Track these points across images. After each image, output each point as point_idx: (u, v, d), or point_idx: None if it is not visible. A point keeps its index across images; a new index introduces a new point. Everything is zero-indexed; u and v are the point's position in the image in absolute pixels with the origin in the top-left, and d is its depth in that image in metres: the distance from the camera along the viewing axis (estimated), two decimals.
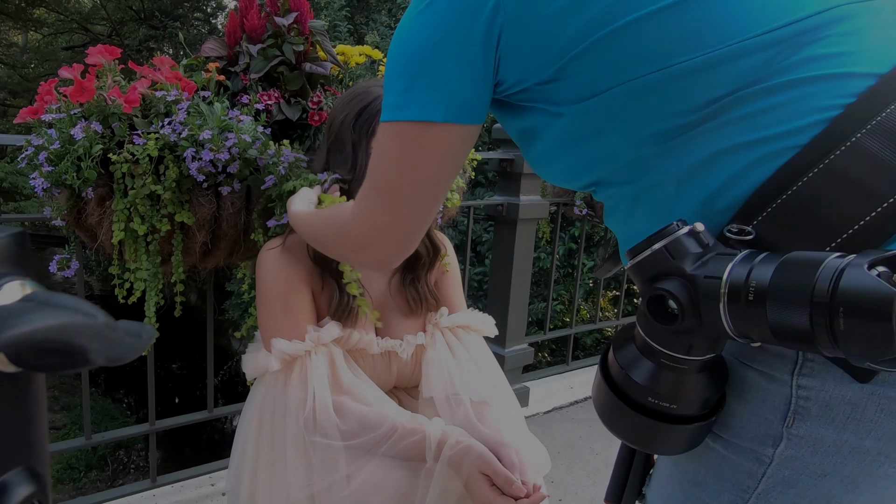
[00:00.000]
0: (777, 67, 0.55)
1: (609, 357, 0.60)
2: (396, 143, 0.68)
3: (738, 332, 0.49)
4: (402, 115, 0.66)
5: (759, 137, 0.55)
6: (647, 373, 0.55)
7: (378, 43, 6.52)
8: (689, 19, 0.56)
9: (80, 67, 1.23)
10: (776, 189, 0.53)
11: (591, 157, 0.64)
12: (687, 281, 0.51)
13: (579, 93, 0.60)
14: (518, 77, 0.63)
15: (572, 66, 0.59)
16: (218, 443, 7.91)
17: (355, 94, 1.13)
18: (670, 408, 0.55)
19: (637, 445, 0.63)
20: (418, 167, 0.68)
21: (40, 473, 0.31)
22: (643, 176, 0.61)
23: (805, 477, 0.55)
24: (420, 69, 0.64)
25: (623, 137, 0.60)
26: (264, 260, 1.12)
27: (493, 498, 0.93)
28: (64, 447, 1.78)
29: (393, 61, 0.67)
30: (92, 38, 11.28)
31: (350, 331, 1.12)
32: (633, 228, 0.64)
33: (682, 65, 0.56)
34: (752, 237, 0.53)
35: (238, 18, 1.40)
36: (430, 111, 0.64)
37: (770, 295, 0.46)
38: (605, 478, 0.75)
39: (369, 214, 0.73)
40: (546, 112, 0.64)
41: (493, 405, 1.13)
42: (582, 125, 0.62)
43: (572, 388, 2.71)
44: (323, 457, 1.00)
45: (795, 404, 0.54)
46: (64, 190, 1.21)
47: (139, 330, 0.29)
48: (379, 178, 0.71)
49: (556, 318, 5.92)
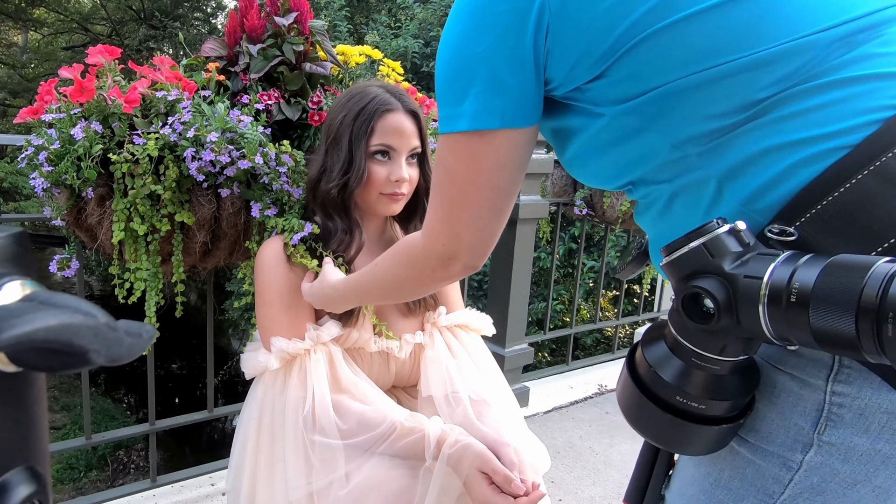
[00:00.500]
0: (828, 66, 0.54)
1: (637, 355, 0.59)
2: (457, 155, 0.67)
3: (777, 335, 0.48)
4: (458, 127, 0.65)
5: (807, 136, 0.54)
6: (677, 372, 0.54)
7: (378, 43, 6.52)
8: (739, 18, 0.55)
9: (80, 67, 1.23)
10: (823, 190, 0.52)
11: (631, 157, 0.63)
12: (725, 280, 0.50)
13: (622, 92, 0.60)
14: (563, 77, 0.62)
15: (618, 65, 0.58)
16: (218, 443, 7.91)
17: (353, 95, 1.13)
18: (699, 408, 0.55)
19: (662, 444, 0.62)
20: (483, 177, 0.67)
21: (41, 473, 0.31)
22: (682, 175, 0.60)
23: (834, 485, 0.54)
24: (470, 78, 0.63)
25: (665, 138, 0.60)
26: (263, 259, 1.12)
27: (493, 496, 0.93)
28: (64, 447, 1.78)
29: (441, 73, 0.66)
30: (92, 38, 11.28)
31: (349, 330, 1.13)
32: (669, 227, 0.63)
33: (731, 64, 0.55)
34: (794, 238, 0.52)
35: (238, 18, 1.41)
36: (486, 119, 0.64)
37: (814, 298, 0.45)
38: (605, 478, 0.75)
39: (448, 229, 0.71)
40: (585, 112, 0.63)
41: (492, 404, 1.13)
42: (623, 125, 0.61)
43: (572, 388, 2.71)
44: (322, 455, 1.00)
45: (828, 411, 0.53)
46: (64, 190, 1.21)
47: (139, 330, 0.29)
48: (447, 193, 0.70)
49: (556, 317, 5.92)
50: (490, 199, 0.68)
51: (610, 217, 2.53)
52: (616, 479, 2.03)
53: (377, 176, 1.11)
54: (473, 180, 0.67)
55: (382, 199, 1.13)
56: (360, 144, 1.10)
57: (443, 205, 0.71)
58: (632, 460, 2.34)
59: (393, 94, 1.13)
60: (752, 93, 0.55)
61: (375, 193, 1.13)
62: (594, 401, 2.63)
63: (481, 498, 0.94)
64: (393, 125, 1.11)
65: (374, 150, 1.11)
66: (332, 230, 1.13)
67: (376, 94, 1.12)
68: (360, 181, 1.10)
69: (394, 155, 1.12)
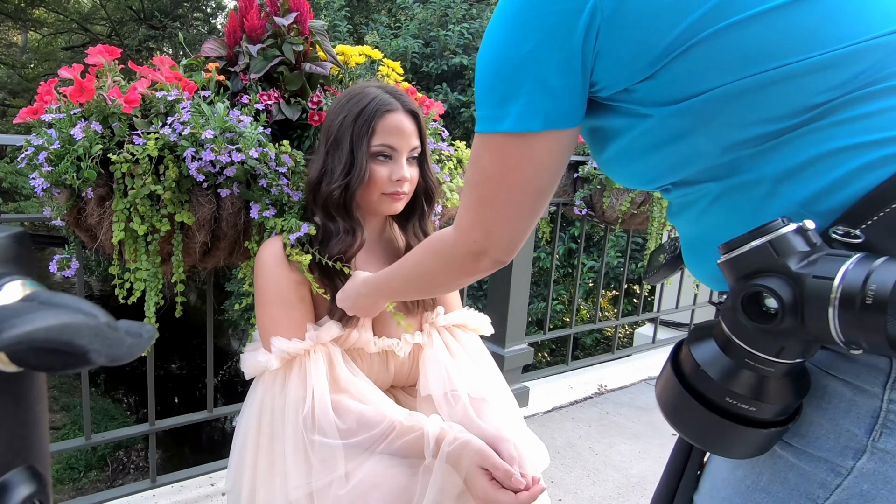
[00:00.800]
0: (892, 70, 0.54)
1: (682, 352, 0.58)
2: (495, 156, 0.66)
3: (846, 339, 0.47)
4: (499, 127, 0.64)
5: (874, 140, 0.53)
6: (728, 372, 0.53)
7: (378, 43, 6.52)
8: (801, 20, 0.54)
9: (80, 67, 1.23)
10: (892, 193, 0.51)
11: (677, 159, 0.62)
12: (791, 279, 0.49)
13: (672, 94, 0.58)
14: (611, 79, 0.61)
15: (671, 67, 0.57)
16: (218, 443, 7.91)
17: (352, 96, 1.14)
18: (748, 410, 0.54)
19: (702, 444, 0.61)
20: (521, 177, 0.66)
21: (41, 473, 0.31)
22: (731, 176, 0.59)
23: (886, 492, 0.53)
24: (514, 79, 0.62)
25: (714, 141, 0.58)
26: (263, 259, 1.12)
27: (493, 492, 0.93)
28: (64, 447, 1.78)
29: (483, 73, 0.65)
30: (91, 38, 11.29)
31: (349, 330, 1.13)
32: (711, 227, 0.63)
33: (790, 67, 0.54)
34: (860, 241, 0.51)
35: (238, 18, 1.41)
36: (529, 121, 0.63)
37: (892, 302, 0.43)
38: (605, 478, 0.75)
39: (480, 226, 0.71)
40: (630, 113, 0.62)
41: (491, 401, 1.13)
42: (671, 127, 0.60)
43: (572, 388, 2.72)
44: (322, 455, 1.00)
45: (885, 418, 0.52)
46: (64, 190, 1.21)
47: (139, 330, 0.29)
48: (481, 191, 0.69)
49: (555, 317, 5.92)
50: (525, 199, 0.68)
51: (609, 217, 2.53)
52: (615, 480, 2.03)
53: (379, 176, 1.11)
54: (510, 181, 0.66)
55: (384, 199, 1.14)
56: (362, 145, 1.10)
57: (477, 203, 0.70)
58: (631, 460, 2.34)
59: (392, 94, 1.13)
60: (811, 96, 0.55)
61: (377, 193, 1.13)
62: (594, 401, 2.64)
63: (482, 494, 0.94)
64: (393, 125, 1.11)
65: (376, 150, 1.11)
66: (334, 231, 1.13)
67: (376, 95, 1.12)
68: (361, 182, 1.10)
69: (395, 155, 1.12)
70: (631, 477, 2.05)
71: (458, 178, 1.53)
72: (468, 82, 6.45)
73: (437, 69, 6.44)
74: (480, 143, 0.67)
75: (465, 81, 6.51)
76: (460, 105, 6.20)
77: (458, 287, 0.89)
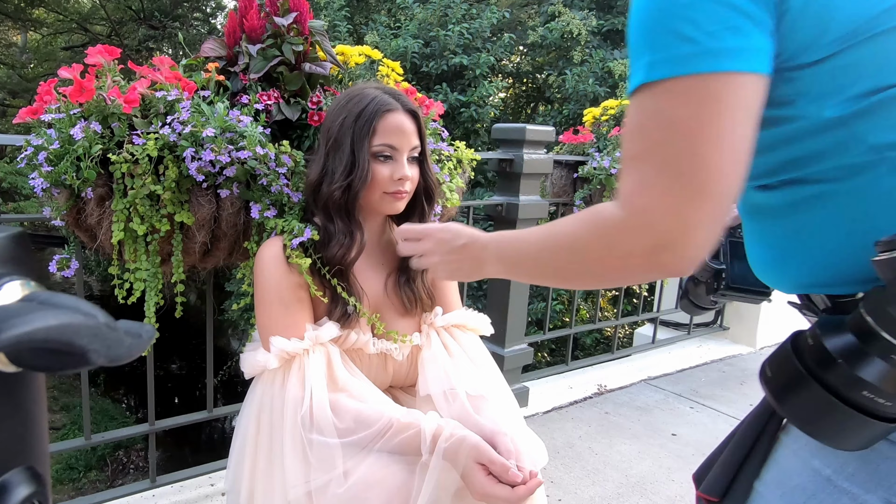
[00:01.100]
0: None
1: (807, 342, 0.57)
2: (688, 105, 0.54)
3: None
4: (693, 68, 0.54)
5: None
6: (873, 368, 0.53)
7: (377, 43, 6.52)
8: None
9: (80, 67, 1.23)
10: None
11: (811, 152, 0.58)
12: None
13: (839, 85, 0.55)
14: (792, 52, 0.55)
15: (848, 53, 0.54)
16: (218, 443, 7.91)
17: (351, 97, 1.14)
18: (885, 405, 0.53)
19: (808, 429, 0.59)
20: (724, 122, 0.54)
21: (40, 473, 0.31)
22: (860, 175, 0.56)
23: None
24: (704, 11, 0.54)
25: (865, 139, 0.55)
26: (263, 259, 1.12)
27: (490, 486, 0.93)
28: (63, 447, 1.78)
29: (658, 9, 0.57)
30: (91, 38, 11.28)
31: (348, 331, 1.13)
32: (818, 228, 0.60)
33: None
34: None
35: (237, 18, 1.41)
36: (730, 58, 0.54)
37: None
38: (605, 478, 0.75)
39: (671, 208, 0.55)
40: (782, 101, 0.58)
41: (490, 399, 1.13)
42: (821, 121, 0.56)
43: (572, 388, 2.71)
44: (320, 454, 1.01)
45: None
46: (63, 190, 1.21)
47: (139, 330, 0.29)
48: (668, 157, 0.55)
49: (555, 317, 5.92)
50: (731, 153, 0.55)
51: None
52: (615, 479, 2.03)
53: (380, 175, 1.11)
54: (710, 135, 0.54)
55: (386, 198, 1.14)
56: (363, 145, 1.10)
57: (659, 176, 0.56)
58: (631, 460, 2.33)
59: (391, 94, 1.13)
60: None
61: (379, 193, 1.13)
62: (593, 401, 2.64)
63: (479, 488, 0.94)
64: (394, 125, 1.11)
65: (377, 150, 1.11)
66: (333, 233, 1.13)
67: (375, 96, 1.12)
68: (363, 182, 1.10)
69: (396, 154, 1.12)
70: (631, 477, 2.05)
71: (457, 178, 1.53)
72: (468, 82, 6.46)
73: (436, 69, 6.44)
74: (660, 95, 0.56)
75: (464, 81, 6.52)
76: (460, 105, 6.20)
77: (607, 285, 0.74)
